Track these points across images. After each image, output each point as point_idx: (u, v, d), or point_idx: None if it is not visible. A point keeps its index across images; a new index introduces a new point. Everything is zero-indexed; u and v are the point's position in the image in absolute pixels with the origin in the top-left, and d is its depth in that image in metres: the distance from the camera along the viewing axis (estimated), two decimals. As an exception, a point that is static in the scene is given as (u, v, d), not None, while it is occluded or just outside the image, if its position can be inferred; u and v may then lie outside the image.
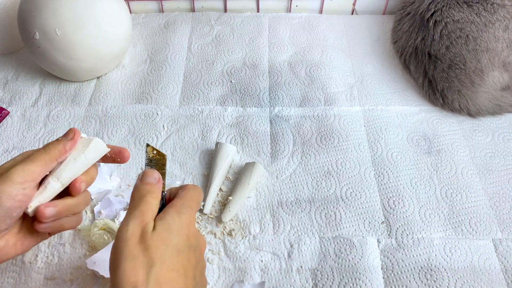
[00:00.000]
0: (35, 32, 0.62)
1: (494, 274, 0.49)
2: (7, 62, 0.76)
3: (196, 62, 0.75)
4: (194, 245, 0.36)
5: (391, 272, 0.49)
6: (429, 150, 0.61)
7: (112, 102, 0.68)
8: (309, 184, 0.58)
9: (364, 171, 0.59)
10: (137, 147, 0.62)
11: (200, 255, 0.37)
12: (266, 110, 0.67)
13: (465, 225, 0.53)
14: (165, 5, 0.85)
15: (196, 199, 0.38)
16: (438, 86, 0.66)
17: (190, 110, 0.67)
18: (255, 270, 0.50)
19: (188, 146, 0.62)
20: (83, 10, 0.62)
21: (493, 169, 0.59)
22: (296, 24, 0.81)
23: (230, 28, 0.80)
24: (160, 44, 0.78)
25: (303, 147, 0.62)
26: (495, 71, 0.65)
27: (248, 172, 0.56)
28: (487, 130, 0.64)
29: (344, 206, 0.55)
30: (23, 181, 0.35)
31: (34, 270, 0.49)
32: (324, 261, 0.50)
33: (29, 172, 0.36)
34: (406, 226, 0.53)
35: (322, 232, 0.53)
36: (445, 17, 0.65)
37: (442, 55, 0.65)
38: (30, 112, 0.67)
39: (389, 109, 0.67)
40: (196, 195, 0.38)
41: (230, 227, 0.53)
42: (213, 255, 0.51)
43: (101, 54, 0.66)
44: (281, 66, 0.74)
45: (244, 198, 0.55)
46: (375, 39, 0.79)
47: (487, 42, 0.63)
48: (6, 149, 0.62)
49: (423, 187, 0.57)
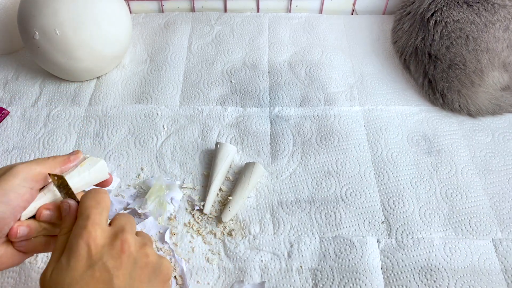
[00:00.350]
0: (35, 32, 0.62)
1: (494, 274, 0.49)
2: (7, 62, 0.76)
3: (196, 62, 0.75)
4: (100, 263, 0.32)
5: (391, 272, 0.49)
6: (429, 150, 0.61)
7: (112, 102, 0.68)
8: (309, 184, 0.58)
9: (364, 171, 0.59)
10: (137, 147, 0.62)
11: (116, 260, 0.32)
12: (266, 110, 0.67)
13: (465, 225, 0.53)
14: (165, 5, 0.85)
15: (93, 203, 0.35)
16: (438, 86, 0.66)
17: (190, 110, 0.67)
18: (255, 270, 0.50)
19: (188, 146, 0.62)
20: (83, 10, 0.62)
21: (493, 169, 0.59)
22: (296, 24, 0.81)
23: (230, 28, 0.80)
24: (160, 44, 0.78)
25: (303, 147, 0.62)
26: (495, 72, 0.65)
27: (248, 172, 0.56)
28: (487, 130, 0.64)
29: (344, 206, 0.55)
30: (28, 178, 0.35)
31: (34, 270, 0.49)
32: (324, 261, 0.50)
33: (33, 171, 0.35)
34: (406, 226, 0.53)
35: (322, 232, 0.53)
36: (445, 17, 0.65)
37: (442, 55, 0.65)
38: (30, 112, 0.67)
39: (389, 109, 0.67)
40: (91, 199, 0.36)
41: (230, 227, 0.53)
42: (213, 255, 0.51)
43: (101, 54, 0.66)
44: (281, 66, 0.74)
45: (244, 198, 0.55)
46: (375, 39, 0.79)
47: (487, 42, 0.63)
48: (6, 149, 0.62)
49: (423, 187, 0.57)
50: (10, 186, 0.34)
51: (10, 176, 0.34)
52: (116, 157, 0.61)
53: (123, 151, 0.62)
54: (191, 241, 0.52)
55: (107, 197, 0.36)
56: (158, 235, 0.52)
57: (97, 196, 0.36)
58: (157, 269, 0.35)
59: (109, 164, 0.60)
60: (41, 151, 0.62)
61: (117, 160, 0.61)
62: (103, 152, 0.61)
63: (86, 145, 0.62)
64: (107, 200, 0.36)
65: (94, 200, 0.35)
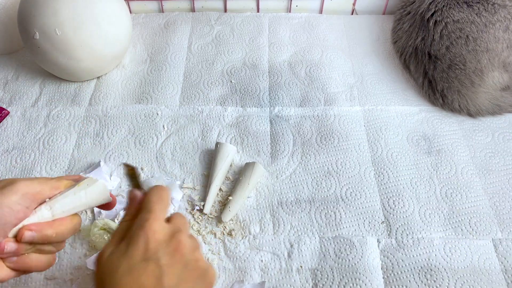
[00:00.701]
0: (35, 32, 0.62)
1: (494, 274, 0.49)
2: (7, 62, 0.76)
3: (196, 62, 0.75)
4: (155, 257, 0.33)
5: (391, 272, 0.49)
6: (429, 150, 0.61)
7: (112, 102, 0.68)
8: (309, 184, 0.58)
9: (364, 171, 0.59)
10: (137, 147, 0.62)
11: (169, 259, 0.33)
12: (266, 110, 0.67)
13: (465, 225, 0.53)
14: (165, 5, 0.85)
15: (157, 199, 0.36)
16: (438, 86, 0.66)
17: (190, 110, 0.67)
18: (255, 270, 0.50)
19: (188, 146, 0.62)
20: (83, 10, 0.62)
21: (493, 169, 0.59)
22: (296, 24, 0.81)
23: (230, 28, 0.80)
24: (160, 44, 0.78)
25: (303, 147, 0.62)
26: (495, 72, 0.65)
27: (248, 172, 0.56)
28: (487, 130, 0.64)
29: (344, 206, 0.55)
30: (28, 196, 0.34)
31: (34, 270, 0.49)
32: (324, 261, 0.50)
33: (34, 189, 0.35)
34: (406, 226, 0.53)
35: (322, 232, 0.53)
36: (445, 17, 0.65)
37: (442, 55, 0.65)
38: (30, 112, 0.67)
39: (389, 109, 0.67)
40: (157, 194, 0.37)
41: (230, 227, 0.53)
42: (213, 255, 0.51)
43: (101, 54, 0.66)
44: (281, 66, 0.74)
45: (244, 198, 0.55)
46: (375, 39, 0.79)
47: (487, 42, 0.63)
48: (6, 149, 0.62)
49: (423, 187, 0.57)
50: (6, 201, 0.33)
51: (9, 192, 0.34)
52: (116, 157, 0.61)
53: (123, 151, 0.62)
54: (191, 241, 0.52)
55: (169, 196, 0.38)
56: (158, 235, 0.52)
57: (161, 192, 0.37)
58: (204, 274, 0.36)
59: (109, 164, 0.60)
60: (41, 151, 0.62)
61: (117, 160, 0.61)
62: (103, 152, 0.61)
63: (86, 145, 0.62)
64: (169, 198, 0.38)
65: (158, 196, 0.37)
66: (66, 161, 0.61)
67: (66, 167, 0.60)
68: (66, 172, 0.59)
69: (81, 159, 0.61)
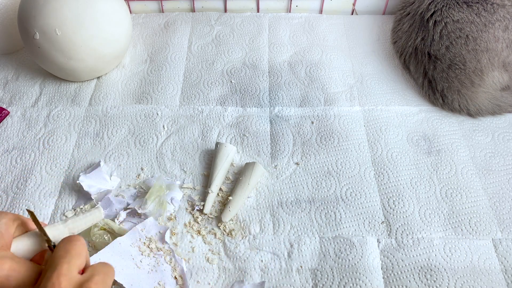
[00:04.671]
0: (35, 32, 0.62)
1: (494, 274, 0.49)
2: (7, 62, 0.76)
3: (196, 62, 0.75)
4: None
5: (391, 272, 0.49)
6: (429, 150, 0.62)
7: (112, 102, 0.68)
8: (309, 184, 0.58)
9: (364, 171, 0.59)
10: (137, 147, 0.62)
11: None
12: (266, 110, 0.67)
13: (465, 225, 0.53)
14: (165, 5, 0.85)
15: (63, 253, 0.35)
16: (438, 86, 0.66)
17: (190, 110, 0.67)
18: (255, 270, 0.50)
19: (188, 146, 0.62)
20: (83, 10, 0.62)
21: (493, 169, 0.59)
22: (296, 24, 0.82)
23: (230, 28, 0.80)
24: (160, 44, 0.78)
25: (303, 147, 0.62)
26: (495, 71, 0.65)
27: (248, 172, 0.56)
28: (487, 130, 0.64)
29: (344, 206, 0.55)
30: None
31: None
32: (324, 261, 0.50)
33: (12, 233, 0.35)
34: (406, 226, 0.53)
35: (322, 232, 0.53)
36: (445, 17, 0.65)
37: (442, 55, 0.65)
38: (30, 112, 0.67)
39: (389, 109, 0.67)
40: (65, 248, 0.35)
41: (230, 227, 0.54)
42: (213, 255, 0.51)
43: (101, 54, 0.66)
44: (281, 66, 0.74)
45: (244, 198, 0.55)
46: (375, 39, 0.79)
47: (487, 42, 0.63)
48: (6, 149, 0.62)
49: (423, 187, 0.57)
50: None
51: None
52: (116, 157, 0.61)
53: (123, 151, 0.62)
54: (191, 241, 0.52)
55: (78, 244, 0.36)
56: (158, 235, 0.52)
57: (67, 245, 0.36)
58: None
59: (109, 164, 0.60)
60: (41, 151, 0.62)
61: (117, 160, 0.61)
62: (103, 152, 0.62)
63: (86, 145, 0.62)
64: (78, 247, 0.36)
65: (64, 250, 0.35)
66: (66, 161, 0.61)
67: (66, 167, 0.60)
68: (66, 172, 0.59)
69: (81, 159, 0.61)
